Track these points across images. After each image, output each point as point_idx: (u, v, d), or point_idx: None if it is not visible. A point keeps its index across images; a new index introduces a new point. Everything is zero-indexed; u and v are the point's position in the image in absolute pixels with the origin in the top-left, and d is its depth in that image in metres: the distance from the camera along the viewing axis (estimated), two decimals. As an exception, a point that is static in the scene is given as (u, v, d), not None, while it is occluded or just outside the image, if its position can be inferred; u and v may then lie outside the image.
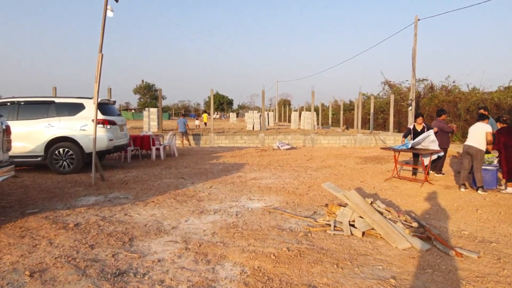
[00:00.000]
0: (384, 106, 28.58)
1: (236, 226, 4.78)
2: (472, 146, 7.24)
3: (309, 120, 27.13)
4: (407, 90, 27.27)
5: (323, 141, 18.78)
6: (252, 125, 26.75)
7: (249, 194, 6.80)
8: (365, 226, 4.40)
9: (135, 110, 74.58)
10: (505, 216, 5.43)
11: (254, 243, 4.13)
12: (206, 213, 5.45)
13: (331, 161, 11.73)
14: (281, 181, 8.15)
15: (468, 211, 5.71)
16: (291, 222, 5.01)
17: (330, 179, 8.52)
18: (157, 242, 4.17)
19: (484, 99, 20.27)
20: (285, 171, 9.69)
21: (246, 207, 5.85)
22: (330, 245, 4.06)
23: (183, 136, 17.51)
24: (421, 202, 6.32)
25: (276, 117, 50.48)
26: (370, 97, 24.73)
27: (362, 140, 18.98)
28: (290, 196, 6.71)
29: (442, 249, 3.92)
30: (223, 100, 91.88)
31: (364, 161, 11.88)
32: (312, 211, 5.61)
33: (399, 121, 25.86)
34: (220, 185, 7.61)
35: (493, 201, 6.34)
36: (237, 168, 10.02)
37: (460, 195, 6.89)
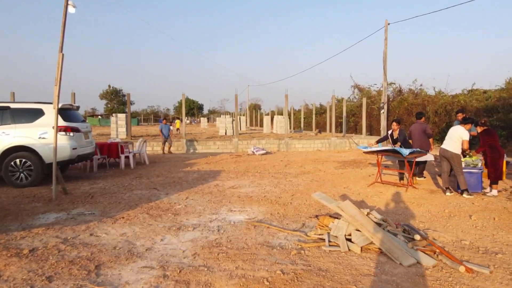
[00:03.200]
0: (355, 109, 28.85)
1: (220, 245, 4.25)
2: (447, 150, 7.10)
3: (282, 124, 26.91)
4: (376, 93, 27.69)
5: (298, 145, 18.53)
6: (224, 130, 26.18)
7: (230, 205, 6.28)
8: (364, 241, 4.00)
9: (101, 116, 71.90)
10: (500, 222, 5.22)
11: (243, 265, 3.62)
12: (184, 229, 4.88)
13: (309, 166, 11.40)
14: (261, 190, 7.68)
15: (461, 218, 5.47)
16: (279, 237, 4.54)
17: (312, 186, 8.14)
18: (129, 269, 3.57)
19: (451, 102, 20.76)
20: (264, 178, 9.24)
21: (227, 220, 5.33)
22: (329, 265, 3.62)
23: (165, 143, 16.44)
24: (412, 209, 6.04)
25: (247, 121, 50.10)
26: (342, 101, 24.84)
27: (337, 144, 18.90)
28: (273, 206, 6.25)
29: (450, 264, 3.58)
30: (193, 105, 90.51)
31: (343, 165, 11.63)
32: (301, 223, 5.17)
33: (371, 124, 26.12)
34: (197, 196, 7.03)
35: (482, 206, 6.15)
36: (213, 176, 9.46)
37: (447, 199, 6.68)
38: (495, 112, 17.45)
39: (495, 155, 7.02)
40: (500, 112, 17.21)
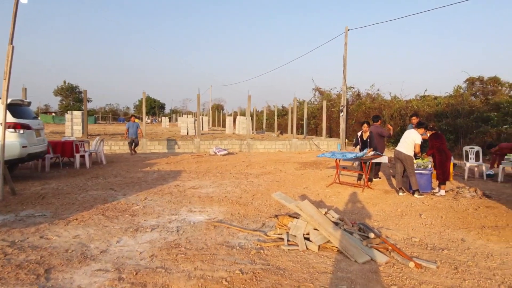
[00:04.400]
0: (316, 111, 29.52)
1: (179, 246, 4.18)
2: (401, 151, 7.47)
3: (244, 125, 26.98)
4: (336, 96, 28.53)
5: (260, 146, 18.66)
6: (186, 129, 25.81)
7: (190, 206, 6.20)
8: (321, 239, 4.11)
9: (56, 113, 68.37)
10: (446, 220, 5.55)
11: (202, 266, 3.59)
12: (142, 230, 4.76)
13: (270, 167, 11.52)
14: (222, 190, 7.66)
15: (412, 216, 5.76)
16: (239, 237, 4.55)
17: (272, 186, 8.24)
18: (82, 272, 3.42)
19: (405, 106, 21.81)
20: (225, 178, 9.22)
21: (187, 221, 5.26)
22: (287, 264, 3.68)
23: (132, 143, 15.11)
24: (367, 208, 6.27)
25: (210, 122, 49.72)
26: (304, 103, 25.33)
27: (298, 145, 19.23)
28: (234, 206, 6.25)
29: (401, 260, 3.76)
30: (154, 104, 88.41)
31: (303, 166, 11.86)
32: (261, 223, 5.21)
33: (330, 127, 26.83)
34: (156, 196, 6.88)
35: (431, 205, 6.52)
36: (173, 176, 9.30)
37: (400, 199, 7.01)
38: (444, 117, 18.54)
39: (443, 158, 7.47)
40: (448, 117, 18.31)
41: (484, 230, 5.04)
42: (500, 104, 16.99)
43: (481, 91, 20.99)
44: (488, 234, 4.89)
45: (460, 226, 5.25)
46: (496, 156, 10.31)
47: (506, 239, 4.70)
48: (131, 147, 15.20)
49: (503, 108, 16.47)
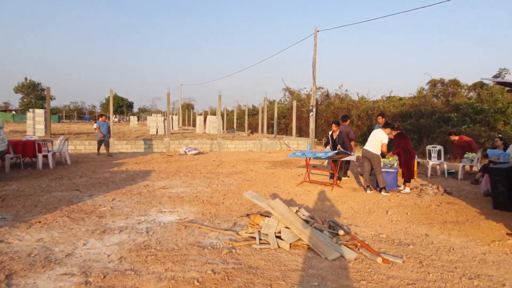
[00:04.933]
0: (286, 111, 29.83)
1: (148, 247, 4.10)
2: (369, 150, 7.69)
3: (215, 124, 26.84)
4: (306, 97, 28.95)
5: (230, 145, 18.62)
6: (155, 129, 25.31)
7: (160, 206, 6.09)
8: (292, 237, 4.15)
9: (16, 111, 65.05)
10: (411, 216, 5.77)
11: (173, 267, 3.54)
12: (110, 232, 4.62)
13: (241, 166, 11.52)
14: (193, 190, 7.58)
15: (379, 213, 5.94)
16: (211, 237, 4.52)
17: (244, 185, 8.24)
18: (45, 277, 3.28)
19: (372, 107, 22.48)
20: (196, 178, 9.12)
21: (157, 221, 5.16)
22: (259, 262, 3.69)
23: (101, 144, 14.37)
24: (337, 206, 6.41)
25: (180, 121, 49.06)
26: (274, 103, 25.51)
27: (268, 145, 19.34)
28: (205, 206, 6.20)
29: (369, 256, 3.87)
30: (122, 102, 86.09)
31: (274, 165, 11.94)
32: (232, 222, 5.20)
33: (300, 126, 27.20)
34: (125, 197, 6.71)
35: (397, 202, 6.75)
36: (143, 176, 9.10)
37: (368, 197, 7.21)
38: (408, 118, 19.26)
39: (408, 156, 7.75)
40: (412, 117, 19.04)
41: (446, 225, 5.27)
42: (460, 105, 17.87)
43: (442, 92, 21.96)
44: (450, 229, 5.12)
45: (424, 222, 5.47)
46: (457, 148, 10.89)
47: (466, 234, 4.94)
48: (100, 147, 14.53)
49: (462, 109, 17.33)
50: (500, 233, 4.98)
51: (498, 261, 3.97)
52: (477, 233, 4.97)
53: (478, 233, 4.95)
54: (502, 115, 16.31)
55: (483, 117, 16.56)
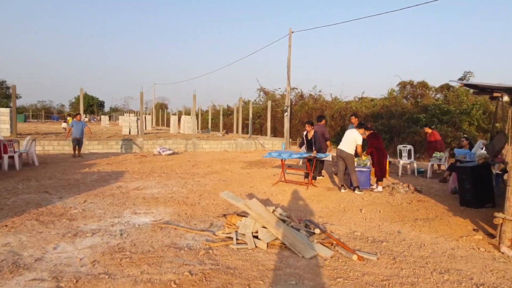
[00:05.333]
0: (261, 111, 29.94)
1: (123, 249, 4.00)
2: (343, 150, 7.84)
3: (190, 124, 26.56)
4: (281, 97, 29.17)
5: (205, 145, 18.48)
6: (128, 129, 24.75)
7: (134, 207, 5.96)
8: (270, 237, 4.17)
9: (-23, 110, 61.80)
10: (384, 214, 5.93)
11: (148, 269, 3.47)
12: (82, 235, 4.48)
13: (216, 166, 11.45)
14: (168, 190, 7.47)
15: (353, 212, 6.06)
16: (187, 238, 4.46)
17: (219, 185, 8.20)
18: (14, 283, 3.13)
19: (345, 107, 22.92)
20: (171, 178, 9.00)
21: (131, 223, 5.05)
22: (237, 263, 3.68)
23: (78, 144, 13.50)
24: (312, 205, 6.49)
25: (153, 121, 48.24)
26: (249, 103, 25.56)
27: (243, 145, 19.35)
28: (181, 206, 6.13)
29: (344, 254, 3.94)
30: (93, 101, 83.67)
31: (249, 165, 11.95)
32: (209, 223, 5.16)
33: (275, 126, 27.37)
34: (97, 199, 6.52)
35: (370, 200, 6.91)
36: (115, 177, 8.87)
37: (342, 196, 7.34)
38: (380, 118, 19.77)
39: (380, 156, 7.96)
40: (383, 118, 19.56)
41: (417, 222, 5.45)
42: (428, 106, 18.50)
43: (412, 94, 22.68)
44: (421, 226, 5.30)
45: (396, 219, 5.63)
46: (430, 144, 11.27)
47: (435, 230, 5.13)
48: (75, 147, 13.61)
49: (430, 110, 17.95)
50: (467, 229, 5.20)
51: (466, 255, 4.14)
52: (446, 229, 5.17)
53: (447, 229, 5.15)
54: (467, 116, 17.00)
55: (450, 118, 17.21)
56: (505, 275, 3.59)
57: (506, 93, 4.43)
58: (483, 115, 16.79)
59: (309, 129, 8.97)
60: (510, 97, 4.42)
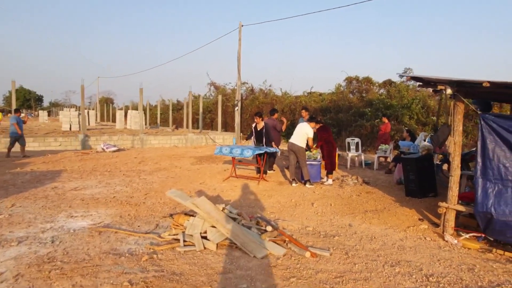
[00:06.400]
0: (211, 106, 29.46)
1: (53, 259, 3.55)
2: (295, 144, 7.79)
3: (137, 119, 25.46)
4: (231, 91, 28.90)
5: (154, 141, 17.76)
6: (69, 124, 23.14)
7: (70, 210, 5.42)
8: (219, 237, 3.93)
9: None
10: (335, 207, 5.93)
11: (82, 281, 3.08)
12: (6, 245, 3.93)
13: (165, 163, 10.96)
14: (111, 190, 6.94)
15: (305, 206, 6.00)
16: (129, 242, 4.09)
17: (167, 183, 7.79)
18: None
19: (294, 102, 23.20)
20: (115, 176, 8.41)
21: (66, 228, 4.56)
22: (183, 267, 3.40)
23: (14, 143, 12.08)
24: (264, 201, 6.34)
25: (98, 116, 45.76)
26: (199, 97, 25.01)
27: (194, 140, 18.88)
28: (124, 207, 5.68)
29: (297, 251, 3.81)
30: (30, 96, 77.63)
31: (199, 161, 11.59)
32: (154, 224, 4.80)
33: (226, 121, 27.08)
34: (28, 202, 5.86)
35: (321, 194, 6.91)
36: (51, 177, 8.11)
37: (293, 190, 7.28)
38: (328, 112, 20.24)
39: (330, 149, 8.01)
40: (332, 112, 20.05)
41: (367, 214, 5.50)
42: (373, 101, 19.24)
43: (357, 89, 23.46)
44: (370, 217, 5.35)
45: (347, 212, 5.65)
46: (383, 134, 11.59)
47: (384, 221, 5.20)
48: (12, 147, 12.20)
49: (375, 104, 18.67)
50: (413, 219, 5.34)
51: (414, 246, 4.20)
52: (394, 220, 5.26)
53: (395, 220, 5.24)
54: (408, 110, 17.88)
55: (393, 112, 18.02)
56: (451, 264, 3.66)
57: (449, 86, 4.56)
58: (422, 109, 17.75)
59: (258, 121, 8.83)
60: (453, 89, 4.54)
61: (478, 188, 4.47)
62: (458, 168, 4.83)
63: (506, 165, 4.33)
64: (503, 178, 4.34)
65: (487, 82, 4.07)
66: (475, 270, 3.53)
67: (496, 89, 4.38)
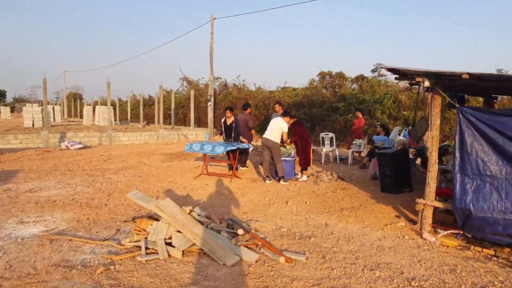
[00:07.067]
0: (184, 101, 28.79)
1: (-8, 275, 3.09)
2: (269, 139, 7.51)
3: (105, 115, 24.45)
4: (204, 86, 28.31)
5: (123, 138, 17.04)
6: (31, 121, 21.82)
7: (22, 215, 4.90)
8: (186, 243, 3.58)
9: None
10: (310, 205, 5.68)
11: (23, 301, 2.66)
12: None
13: (133, 160, 10.42)
14: (70, 191, 6.41)
15: (279, 205, 5.72)
16: (84, 251, 3.66)
17: (134, 182, 7.33)
18: None
19: (268, 97, 22.98)
20: (76, 176, 7.84)
21: (13, 236, 4.07)
22: (143, 280, 3.03)
23: None
24: (236, 199, 6.02)
25: (65, 112, 43.88)
26: (171, 92, 24.33)
27: (165, 136, 18.29)
28: (83, 210, 5.21)
29: (271, 256, 3.52)
30: (-11, 90, 73.61)
31: (170, 158, 11.11)
32: (115, 229, 4.38)
33: (199, 116, 26.52)
34: (-27, 207, 5.28)
35: (296, 191, 6.66)
36: (4, 178, 7.45)
37: (267, 187, 7.00)
38: (302, 107, 20.14)
39: (304, 144, 7.78)
40: (305, 107, 19.96)
41: (343, 213, 5.29)
42: (346, 96, 19.29)
43: (330, 84, 23.50)
44: (347, 216, 5.14)
45: (322, 211, 5.42)
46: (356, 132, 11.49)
47: (361, 219, 5.00)
48: None
49: (348, 99, 18.72)
50: (390, 216, 5.17)
51: (393, 246, 4.01)
52: (371, 218, 5.07)
53: (372, 218, 5.06)
54: (380, 105, 18.02)
55: (365, 106, 18.10)
56: (433, 265, 3.48)
57: (427, 78, 4.38)
58: (393, 104, 17.92)
59: (229, 115, 8.50)
60: (430, 82, 4.37)
61: (456, 183, 4.34)
62: (435, 163, 4.69)
63: (484, 160, 4.21)
64: (481, 173, 4.21)
65: (467, 74, 3.91)
66: (457, 271, 3.36)
67: (474, 82, 4.24)
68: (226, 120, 8.53)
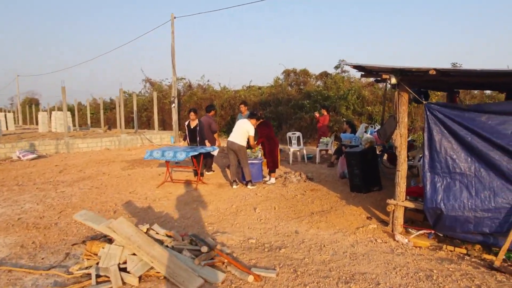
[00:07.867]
0: (147, 104, 27.86)
1: None
2: (234, 142, 7.21)
3: (62, 121, 23.17)
4: (168, 88, 27.52)
5: (82, 145, 16.12)
6: (-22, 130, 20.32)
7: (-46, 243, 4.31)
8: (142, 267, 3.20)
9: None
10: (279, 211, 5.43)
11: None
12: None
13: (91, 170, 9.77)
14: (17, 209, 5.80)
15: (247, 212, 5.43)
16: (25, 284, 3.20)
17: (90, 195, 6.78)
18: None
19: (234, 96, 22.64)
20: (26, 191, 7.17)
21: None
22: (92, 317, 2.64)
23: None
24: (201, 209, 5.67)
25: (19, 119, 41.43)
26: (133, 95, 23.41)
27: (127, 141, 17.53)
28: (29, 232, 4.68)
29: (239, 275, 3.21)
30: None
31: (132, 165, 10.55)
32: (63, 253, 3.91)
33: (163, 119, 25.75)
34: None
35: (264, 195, 6.39)
36: None
37: (234, 192, 6.69)
38: (268, 106, 19.98)
39: (272, 145, 7.53)
40: (271, 105, 19.82)
41: (313, 217, 5.08)
42: (311, 93, 19.30)
43: (295, 81, 23.53)
44: (317, 221, 4.93)
45: (292, 216, 5.18)
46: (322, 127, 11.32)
47: (332, 224, 4.81)
48: None
49: (313, 96, 18.74)
50: (361, 218, 5.02)
51: (367, 252, 3.82)
52: (342, 221, 4.89)
53: (343, 222, 4.88)
54: (344, 101, 18.16)
55: (330, 103, 18.19)
56: (408, 272, 3.32)
57: (393, 75, 4.24)
58: (357, 100, 18.12)
59: (193, 118, 8.11)
60: (397, 78, 4.24)
61: (427, 182, 4.22)
62: (405, 162, 4.57)
63: (453, 157, 4.11)
64: (451, 171, 4.12)
65: (433, 69, 3.79)
66: (434, 277, 3.21)
67: (439, 78, 4.14)
68: (190, 123, 8.14)
